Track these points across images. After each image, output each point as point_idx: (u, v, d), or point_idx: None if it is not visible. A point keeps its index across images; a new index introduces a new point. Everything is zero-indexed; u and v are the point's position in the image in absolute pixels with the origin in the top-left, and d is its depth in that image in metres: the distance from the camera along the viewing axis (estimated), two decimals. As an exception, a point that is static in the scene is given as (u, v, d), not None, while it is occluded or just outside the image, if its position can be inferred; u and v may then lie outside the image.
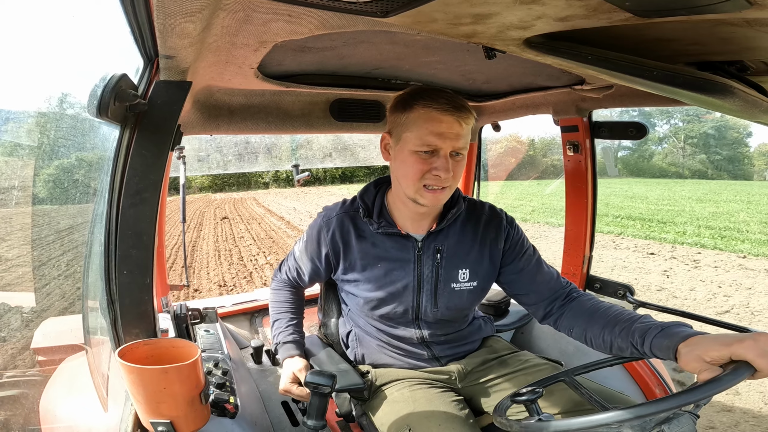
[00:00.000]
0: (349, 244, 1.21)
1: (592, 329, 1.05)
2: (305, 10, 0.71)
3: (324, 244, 1.23)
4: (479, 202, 1.29)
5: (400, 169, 1.12)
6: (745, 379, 0.72)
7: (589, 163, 1.73)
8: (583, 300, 1.13)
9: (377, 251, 1.19)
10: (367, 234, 1.21)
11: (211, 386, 1.16)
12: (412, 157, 1.07)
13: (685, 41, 0.75)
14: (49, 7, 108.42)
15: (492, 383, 1.22)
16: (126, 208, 0.87)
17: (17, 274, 5.04)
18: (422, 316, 1.22)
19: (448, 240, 1.20)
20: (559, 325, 1.15)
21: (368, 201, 1.23)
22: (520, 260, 1.22)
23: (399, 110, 1.10)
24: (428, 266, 1.19)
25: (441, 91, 1.08)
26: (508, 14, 0.64)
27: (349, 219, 1.22)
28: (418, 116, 1.06)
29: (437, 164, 1.06)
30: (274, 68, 1.25)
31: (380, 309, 1.21)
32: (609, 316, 1.03)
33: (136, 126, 0.88)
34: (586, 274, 1.83)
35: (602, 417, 0.71)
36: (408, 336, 1.25)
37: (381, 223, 1.18)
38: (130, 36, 0.82)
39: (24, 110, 14.74)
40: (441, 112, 1.04)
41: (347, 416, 1.27)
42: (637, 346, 0.93)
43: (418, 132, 1.06)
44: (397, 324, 1.24)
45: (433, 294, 1.20)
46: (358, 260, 1.21)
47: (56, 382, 1.37)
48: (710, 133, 56.98)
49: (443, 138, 1.04)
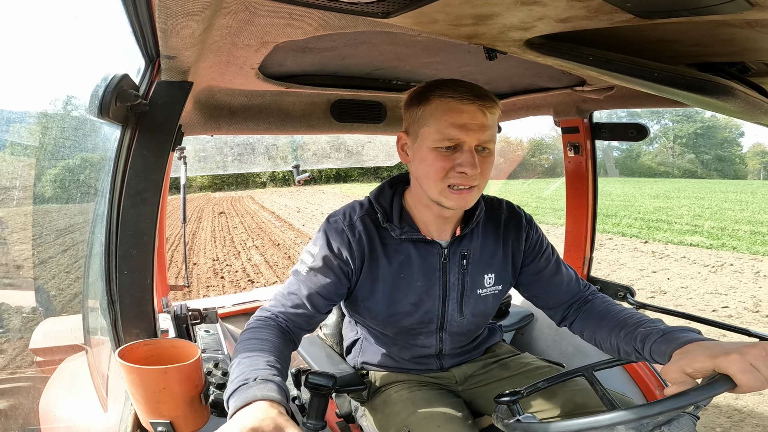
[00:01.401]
0: (375, 251, 1.07)
1: (600, 332, 1.03)
2: (306, 10, 0.71)
3: (348, 249, 1.05)
4: (496, 200, 1.20)
5: (421, 170, 1.01)
6: (729, 392, 0.71)
7: (590, 164, 1.73)
8: (597, 302, 1.12)
9: (401, 259, 1.08)
10: (389, 240, 1.08)
11: (211, 386, 1.16)
12: (432, 155, 0.97)
13: (686, 42, 0.75)
14: (51, 8, 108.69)
15: (492, 386, 1.21)
16: (126, 209, 0.87)
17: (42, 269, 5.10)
18: (447, 327, 1.15)
19: (473, 244, 1.12)
20: (573, 328, 1.14)
21: (385, 204, 1.10)
22: (539, 261, 1.16)
23: (414, 105, 1.01)
24: (454, 273, 1.10)
25: (459, 81, 0.98)
26: (510, 15, 0.64)
27: (372, 223, 1.08)
28: (435, 108, 0.96)
29: (461, 160, 0.95)
30: (275, 69, 1.25)
31: (403, 321, 1.12)
32: (618, 320, 1.01)
33: (137, 126, 0.88)
34: (586, 275, 1.83)
35: (600, 419, 0.71)
36: (426, 348, 1.18)
37: (404, 229, 1.07)
38: (132, 36, 0.82)
39: (27, 111, 14.65)
40: (461, 102, 0.94)
41: (347, 417, 1.27)
42: (639, 351, 0.92)
43: (437, 125, 0.96)
44: (418, 335, 1.16)
45: (459, 302, 1.12)
46: (383, 270, 1.08)
47: (56, 382, 1.37)
48: (699, 133, 58.04)
49: (466, 130, 0.94)
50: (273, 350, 0.89)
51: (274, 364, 0.84)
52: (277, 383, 0.78)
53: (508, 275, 1.17)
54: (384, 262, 1.08)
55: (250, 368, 0.81)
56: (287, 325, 1.01)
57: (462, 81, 0.98)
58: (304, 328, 1.05)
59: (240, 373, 0.80)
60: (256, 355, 0.85)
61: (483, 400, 1.21)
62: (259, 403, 0.71)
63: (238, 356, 0.86)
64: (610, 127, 1.68)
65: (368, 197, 1.14)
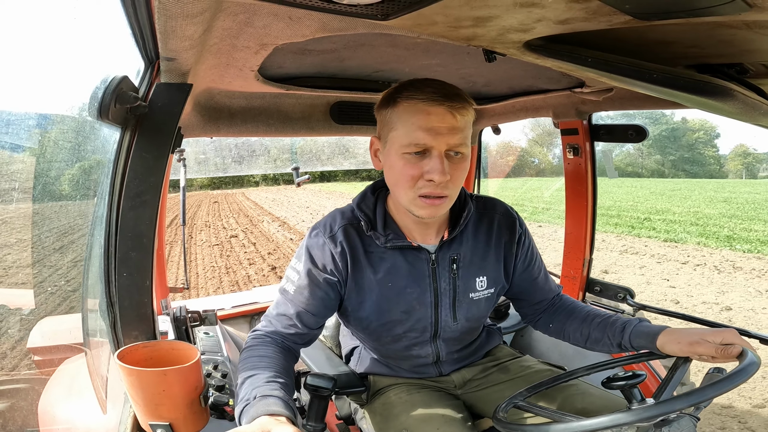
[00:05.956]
0: (359, 261, 1.03)
1: (571, 324, 1.13)
2: (306, 12, 0.71)
3: (332, 262, 1.03)
4: (489, 200, 1.16)
5: (391, 177, 0.98)
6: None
7: (589, 165, 1.73)
8: (565, 299, 1.22)
9: (388, 267, 1.04)
10: (374, 249, 1.04)
11: (211, 388, 1.16)
12: (400, 161, 0.92)
13: (684, 44, 0.75)
14: (51, 9, 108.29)
15: (492, 389, 1.20)
16: (126, 211, 0.87)
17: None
18: (441, 333, 1.12)
19: (463, 247, 1.08)
20: (539, 325, 1.23)
21: (368, 211, 1.06)
22: (529, 267, 1.17)
23: (383, 107, 0.96)
24: (444, 279, 1.07)
25: (428, 80, 0.92)
26: (508, 17, 0.65)
27: (354, 232, 1.04)
28: (403, 110, 0.91)
29: (430, 166, 0.90)
30: (275, 71, 1.25)
31: (395, 330, 1.09)
32: (587, 312, 1.13)
33: (136, 128, 0.88)
34: (586, 276, 1.83)
35: (601, 420, 0.70)
36: (423, 356, 1.16)
37: (389, 236, 1.03)
38: (131, 38, 0.82)
39: (26, 113, 14.68)
40: (428, 103, 0.88)
41: (347, 419, 1.27)
42: (613, 337, 1.04)
43: (404, 129, 0.90)
44: (413, 345, 1.13)
45: (452, 307, 1.09)
46: (368, 280, 1.04)
47: (55, 383, 1.37)
48: (665, 135, 59.67)
49: (434, 134, 0.88)
50: (271, 365, 0.91)
51: (273, 379, 0.86)
52: (276, 396, 0.81)
53: (501, 278, 1.14)
54: (369, 271, 1.04)
55: (250, 387, 0.83)
56: (284, 342, 1.02)
57: (432, 80, 0.92)
58: (299, 343, 1.05)
59: (243, 394, 0.83)
60: (256, 373, 0.87)
61: (483, 402, 1.20)
62: (260, 419, 0.74)
63: (240, 376, 0.88)
64: (608, 128, 1.68)
65: (350, 205, 1.09)
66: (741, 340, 0.88)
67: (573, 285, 1.83)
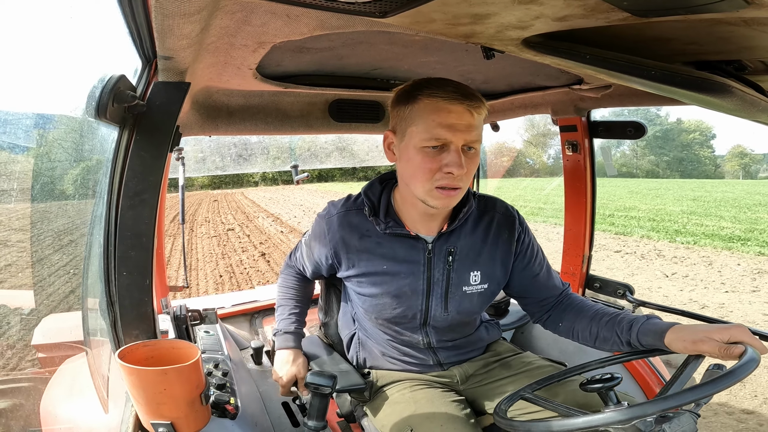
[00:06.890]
0: (352, 244, 1.13)
1: (580, 322, 1.11)
2: (304, 10, 0.71)
3: (326, 243, 1.15)
4: (490, 199, 1.20)
5: (407, 169, 1.02)
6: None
7: (588, 162, 1.73)
8: (574, 298, 1.20)
9: (384, 252, 1.11)
10: (373, 234, 1.12)
11: (212, 387, 1.16)
12: (419, 155, 0.98)
13: (683, 40, 0.75)
14: (46, 8, 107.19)
15: (494, 385, 1.21)
16: (125, 210, 0.87)
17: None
18: (431, 321, 1.16)
19: (460, 241, 1.13)
20: (548, 323, 1.20)
21: (373, 198, 1.14)
22: (530, 264, 1.18)
23: (402, 103, 1.01)
24: (439, 269, 1.12)
25: (447, 80, 0.98)
26: (507, 14, 0.64)
27: (354, 217, 1.13)
28: (423, 107, 0.97)
29: (448, 160, 0.96)
30: (273, 69, 1.25)
31: (386, 313, 1.15)
32: (596, 310, 1.11)
33: (134, 127, 0.88)
34: (585, 273, 1.83)
35: (601, 417, 0.71)
36: (414, 342, 1.20)
37: (389, 224, 1.10)
38: (129, 37, 0.82)
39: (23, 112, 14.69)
40: (449, 102, 0.94)
41: (348, 417, 1.27)
42: (621, 335, 1.02)
43: (424, 125, 0.96)
44: (404, 329, 1.18)
45: (443, 298, 1.13)
46: (363, 261, 1.12)
47: (57, 383, 1.37)
48: (659, 136, 60.09)
49: (453, 130, 0.95)
50: (294, 296, 1.35)
51: (293, 311, 1.32)
52: (291, 331, 1.29)
53: (497, 275, 1.16)
54: (366, 255, 1.12)
55: (279, 318, 1.32)
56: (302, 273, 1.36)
57: (450, 80, 0.98)
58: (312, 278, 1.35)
59: (277, 322, 1.33)
60: (282, 304, 1.35)
61: (485, 399, 1.21)
62: (280, 353, 1.27)
63: (276, 302, 1.37)
64: (607, 125, 1.68)
65: (360, 191, 1.18)
66: (750, 337, 0.86)
67: (572, 281, 1.84)
